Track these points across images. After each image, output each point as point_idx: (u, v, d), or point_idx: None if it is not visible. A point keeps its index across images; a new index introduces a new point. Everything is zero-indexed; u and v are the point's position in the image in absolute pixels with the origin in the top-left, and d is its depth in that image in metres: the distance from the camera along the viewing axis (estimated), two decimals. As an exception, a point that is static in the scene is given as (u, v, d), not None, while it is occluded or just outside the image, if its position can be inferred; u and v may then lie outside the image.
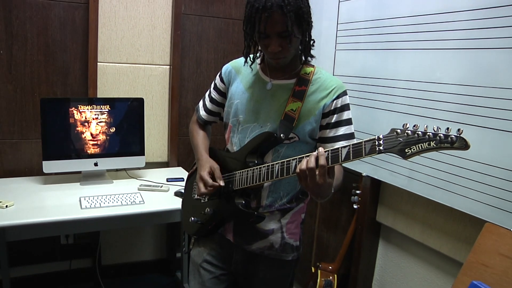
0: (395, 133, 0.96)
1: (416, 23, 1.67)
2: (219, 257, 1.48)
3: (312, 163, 1.06)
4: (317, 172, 1.06)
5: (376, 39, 1.88)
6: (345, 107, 1.33)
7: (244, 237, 1.42)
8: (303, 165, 1.08)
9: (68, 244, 2.54)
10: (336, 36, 2.13)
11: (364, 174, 2.01)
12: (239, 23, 2.58)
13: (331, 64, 2.17)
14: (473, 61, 1.47)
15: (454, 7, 1.52)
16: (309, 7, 1.25)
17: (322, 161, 1.05)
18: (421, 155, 0.94)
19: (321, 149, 1.07)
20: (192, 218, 1.46)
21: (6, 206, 1.86)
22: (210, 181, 1.33)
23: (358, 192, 2.05)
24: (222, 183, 1.33)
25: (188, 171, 2.60)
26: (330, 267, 2.14)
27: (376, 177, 1.95)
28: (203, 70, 2.74)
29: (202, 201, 1.47)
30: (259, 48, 1.32)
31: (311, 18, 1.26)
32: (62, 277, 2.60)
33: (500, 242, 1.27)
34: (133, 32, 2.50)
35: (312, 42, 1.31)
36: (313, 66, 1.37)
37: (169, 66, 2.62)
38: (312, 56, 1.34)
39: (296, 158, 1.15)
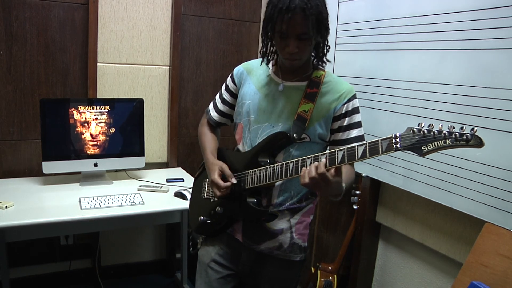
0: (411, 131, 1.00)
1: (415, 24, 1.68)
2: (227, 257, 1.48)
3: (313, 173, 1.11)
4: (318, 176, 1.10)
5: (375, 40, 1.88)
6: (356, 110, 1.35)
7: (253, 237, 1.42)
8: (305, 179, 1.13)
9: (67, 245, 2.54)
10: (336, 37, 2.13)
11: (363, 175, 2.01)
12: (238, 24, 2.56)
13: (330, 64, 2.15)
14: (473, 62, 1.47)
15: (454, 8, 1.52)
16: (328, 14, 1.27)
17: (320, 169, 1.10)
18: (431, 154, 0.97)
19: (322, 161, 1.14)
20: (202, 218, 1.47)
21: (6, 206, 1.86)
22: (222, 183, 1.35)
23: (357, 192, 2.05)
24: (234, 181, 1.36)
25: (187, 172, 2.62)
26: (329, 268, 2.14)
27: (375, 178, 1.95)
28: (203, 71, 2.74)
29: (211, 200, 1.48)
30: (274, 49, 1.36)
31: (329, 24, 1.28)
32: (61, 278, 2.60)
33: (500, 242, 1.27)
34: (133, 32, 2.50)
35: (327, 48, 1.33)
36: (323, 70, 1.39)
37: (168, 67, 2.62)
38: (327, 61, 1.37)
39: (312, 157, 1.18)
